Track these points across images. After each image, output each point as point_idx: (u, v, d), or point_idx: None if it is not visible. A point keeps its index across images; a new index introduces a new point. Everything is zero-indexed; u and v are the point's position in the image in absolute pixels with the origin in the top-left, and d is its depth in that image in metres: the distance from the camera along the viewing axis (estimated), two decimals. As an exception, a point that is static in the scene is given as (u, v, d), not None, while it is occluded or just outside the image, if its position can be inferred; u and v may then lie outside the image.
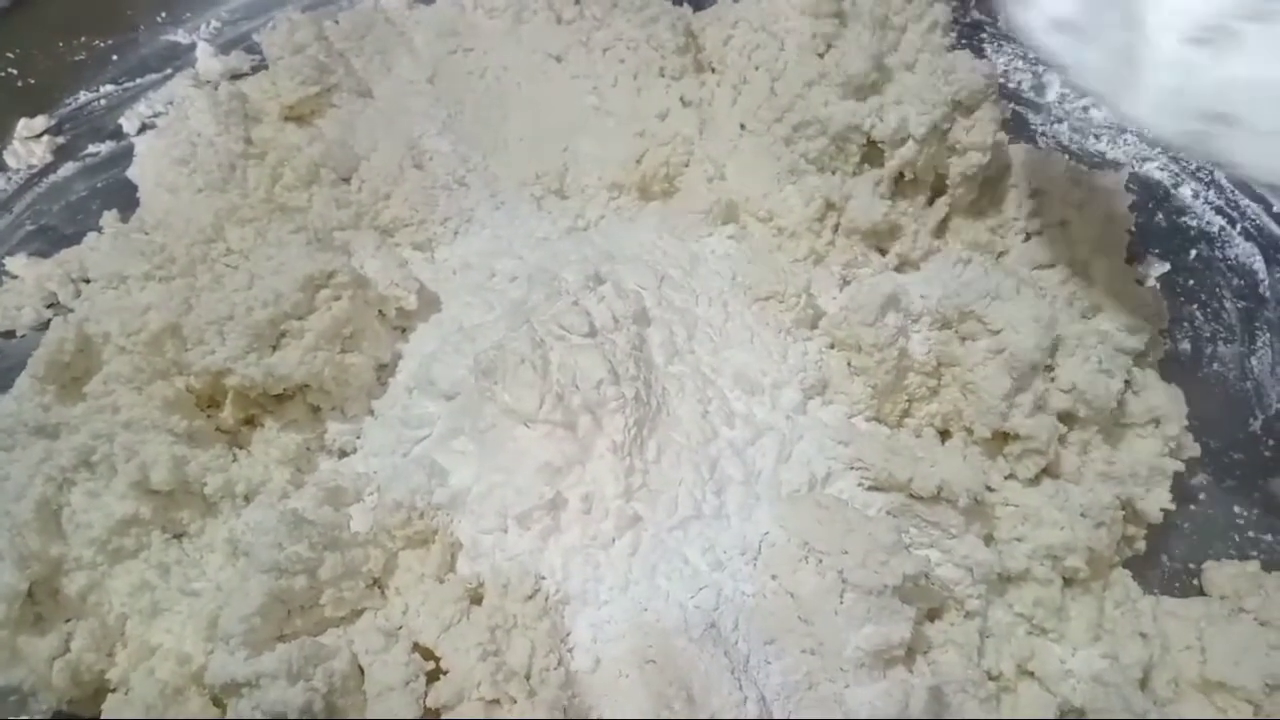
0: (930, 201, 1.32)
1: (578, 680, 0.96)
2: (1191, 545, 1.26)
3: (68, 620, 1.03)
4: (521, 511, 1.00)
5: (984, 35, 1.65)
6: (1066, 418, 1.18)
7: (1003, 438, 1.18)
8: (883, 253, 1.31)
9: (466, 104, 1.47)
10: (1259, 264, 1.43)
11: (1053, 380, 1.18)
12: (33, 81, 1.53)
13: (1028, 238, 1.33)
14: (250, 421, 1.17)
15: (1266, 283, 1.42)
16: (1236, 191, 1.48)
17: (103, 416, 1.09)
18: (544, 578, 1.00)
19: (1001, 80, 1.52)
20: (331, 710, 0.92)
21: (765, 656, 0.99)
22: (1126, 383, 1.21)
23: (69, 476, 1.06)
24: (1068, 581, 1.14)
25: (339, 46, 1.48)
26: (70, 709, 1.02)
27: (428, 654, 0.97)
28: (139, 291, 1.19)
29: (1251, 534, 1.27)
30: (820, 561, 1.02)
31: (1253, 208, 1.47)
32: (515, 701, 0.93)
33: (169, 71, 1.57)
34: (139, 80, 1.57)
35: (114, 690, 1.02)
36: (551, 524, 1.01)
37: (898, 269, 1.30)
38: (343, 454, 1.16)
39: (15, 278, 1.35)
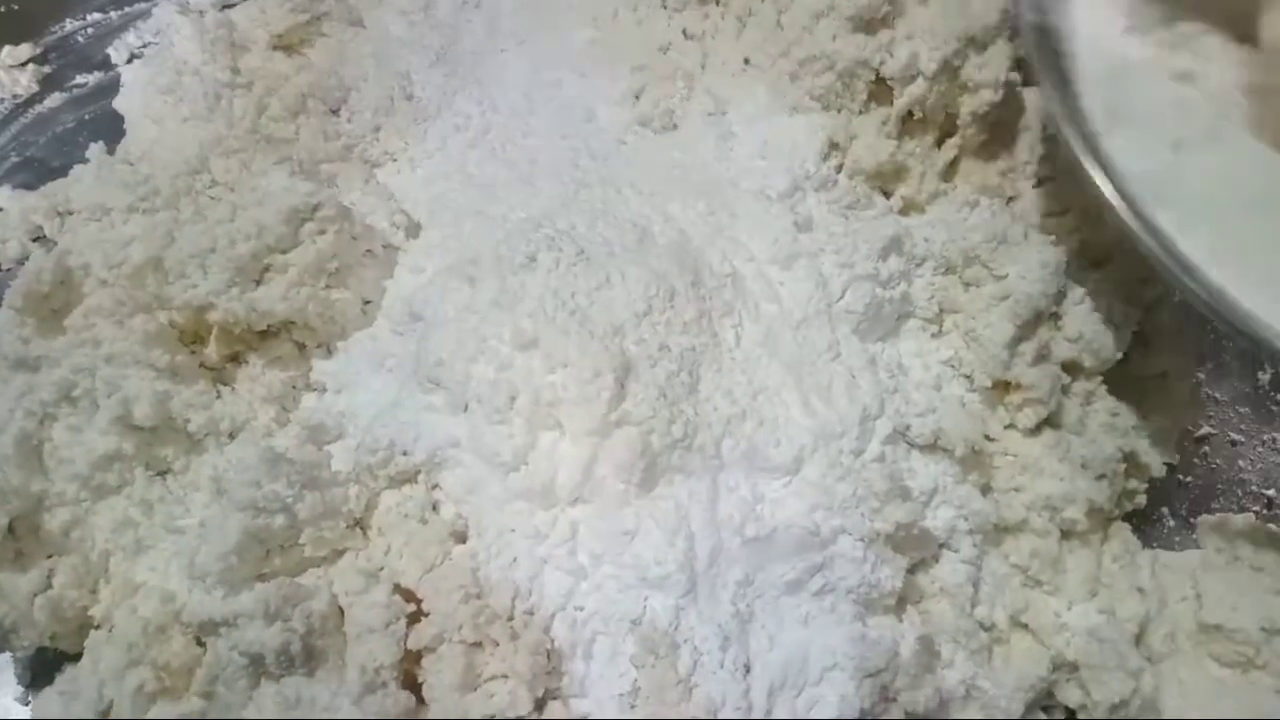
0: (939, 143, 1.28)
1: (559, 629, 0.95)
2: (1194, 500, 1.25)
3: (49, 556, 1.03)
4: (505, 457, 0.98)
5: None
6: (1071, 367, 1.16)
7: (1004, 386, 1.15)
8: (887, 195, 1.27)
9: (460, 35, 1.42)
10: (1277, 212, 1.39)
11: (1058, 329, 1.15)
12: (16, 8, 1.49)
13: (1039, 183, 1.28)
14: (235, 358, 1.14)
15: (1283, 231, 1.38)
16: (1255, 136, 1.43)
17: (83, 350, 1.07)
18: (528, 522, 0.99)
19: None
20: (310, 652, 0.91)
21: (751, 605, 0.98)
22: (1135, 333, 1.18)
23: (50, 411, 1.05)
24: (1065, 534, 1.12)
25: (330, -27, 1.43)
26: (53, 644, 1.02)
27: (409, 595, 0.95)
28: (122, 224, 1.16)
29: (1255, 489, 1.26)
30: (813, 508, 1.00)
31: (1272, 152, 1.42)
32: (498, 645, 0.93)
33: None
34: (127, 9, 1.52)
35: (97, 627, 1.01)
36: (536, 467, 0.99)
37: (902, 212, 1.26)
38: (326, 391, 1.14)
39: (1, 210, 1.32)
